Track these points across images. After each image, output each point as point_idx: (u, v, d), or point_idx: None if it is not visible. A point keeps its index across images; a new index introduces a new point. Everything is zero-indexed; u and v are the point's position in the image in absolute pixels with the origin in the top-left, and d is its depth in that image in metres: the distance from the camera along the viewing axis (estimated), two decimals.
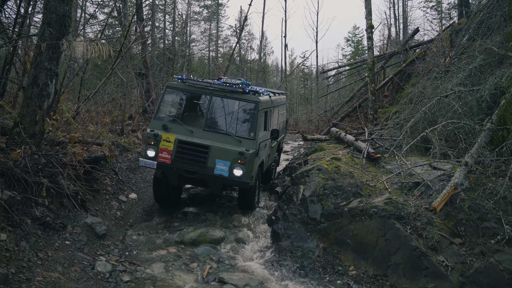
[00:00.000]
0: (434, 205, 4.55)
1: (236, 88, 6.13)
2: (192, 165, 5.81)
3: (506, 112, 4.77)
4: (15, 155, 3.77)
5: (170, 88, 6.38)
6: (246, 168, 5.74)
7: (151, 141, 5.89)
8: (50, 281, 3.24)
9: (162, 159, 5.85)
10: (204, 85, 6.21)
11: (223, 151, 5.77)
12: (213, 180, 5.87)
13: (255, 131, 6.04)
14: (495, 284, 3.72)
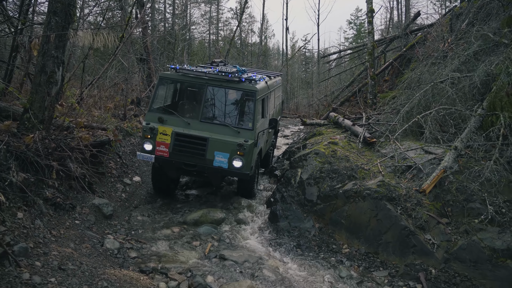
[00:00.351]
0: (424, 187, 4.81)
1: (232, 77, 5.98)
2: (191, 157, 5.76)
3: (495, 99, 4.96)
4: (29, 139, 4.02)
5: (164, 78, 6.20)
6: (245, 159, 5.71)
7: (147, 135, 5.81)
8: (64, 255, 3.54)
9: (160, 153, 5.81)
10: (199, 74, 6.05)
11: (221, 143, 5.72)
12: (213, 172, 5.86)
13: (253, 121, 5.96)
14: (476, 259, 4.01)
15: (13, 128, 4.39)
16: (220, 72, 6.04)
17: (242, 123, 6.00)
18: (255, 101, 6.00)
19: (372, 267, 4.61)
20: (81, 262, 3.57)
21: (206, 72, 6.05)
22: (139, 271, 3.95)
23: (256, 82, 6.29)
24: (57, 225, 4.33)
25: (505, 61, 4.97)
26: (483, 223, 4.23)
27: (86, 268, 3.48)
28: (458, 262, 4.11)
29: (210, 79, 6.02)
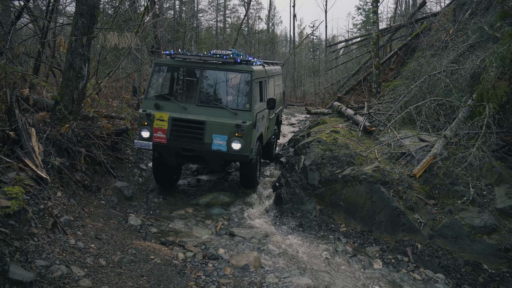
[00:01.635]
0: (414, 172, 5.34)
1: (227, 58, 5.95)
2: (189, 142, 5.75)
3: (483, 91, 5.42)
4: (65, 129, 4.63)
5: (159, 65, 6.23)
6: (244, 141, 5.70)
7: (144, 122, 5.79)
8: (98, 228, 4.18)
9: (158, 139, 5.79)
10: (193, 58, 6.04)
11: (219, 125, 5.69)
12: (212, 156, 5.83)
13: (251, 102, 5.92)
14: (457, 235, 4.55)
15: (47, 118, 5.00)
16: (215, 55, 6.09)
17: (239, 105, 5.96)
18: (251, 81, 5.98)
19: (366, 243, 5.19)
20: (112, 234, 4.21)
21: (200, 55, 6.08)
22: (160, 243, 4.59)
23: (252, 63, 6.29)
24: (86, 204, 4.98)
25: (491, 56, 5.40)
26: (465, 204, 4.76)
27: (116, 239, 4.12)
28: (441, 238, 4.66)
29: (205, 62, 6.02)
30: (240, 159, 5.91)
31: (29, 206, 3.13)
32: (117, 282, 3.21)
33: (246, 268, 4.28)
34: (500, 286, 3.99)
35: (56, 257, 3.00)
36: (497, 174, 5.04)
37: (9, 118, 3.91)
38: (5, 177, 3.20)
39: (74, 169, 5.21)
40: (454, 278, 4.24)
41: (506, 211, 4.57)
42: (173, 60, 6.12)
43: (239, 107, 5.92)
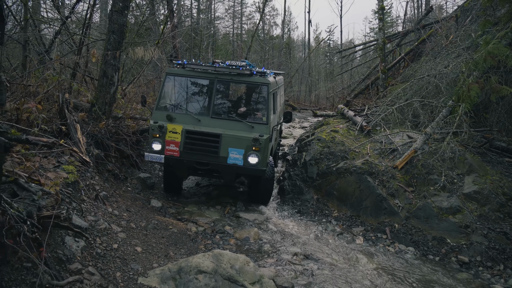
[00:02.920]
0: (397, 164, 6.23)
1: (243, 70, 5.88)
2: (203, 156, 5.64)
3: (459, 92, 6.26)
4: (102, 125, 5.81)
5: (171, 75, 6.12)
6: (261, 155, 5.60)
7: (155, 134, 5.67)
8: (127, 204, 5.29)
9: (170, 152, 5.68)
10: (207, 69, 5.94)
11: (235, 138, 5.59)
12: (227, 170, 5.74)
13: (268, 114, 5.85)
14: (428, 216, 5.42)
15: (85, 117, 6.19)
16: (230, 65, 5.99)
17: (256, 117, 5.91)
18: (268, 94, 5.95)
19: (353, 225, 6.10)
20: (138, 210, 5.32)
21: (215, 66, 5.99)
22: (177, 219, 5.66)
23: (268, 75, 6.26)
24: (117, 188, 6.11)
25: (468, 62, 6.25)
26: (437, 190, 5.62)
27: (142, 213, 5.22)
28: (415, 218, 5.53)
29: (219, 73, 5.94)
30: (257, 173, 5.78)
31: (80, 180, 4.26)
32: (144, 239, 4.28)
33: (247, 240, 5.28)
34: (458, 255, 4.83)
35: (100, 216, 4.10)
36: (468, 165, 5.88)
37: (61, 116, 5.09)
38: (62, 159, 4.35)
39: (106, 160, 6.37)
40: (421, 250, 5.11)
41: (470, 195, 5.40)
42: (185, 70, 6.06)
43: (255, 120, 5.86)
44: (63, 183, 3.85)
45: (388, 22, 38.56)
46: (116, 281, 3.23)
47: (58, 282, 2.66)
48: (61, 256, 3.04)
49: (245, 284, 3.41)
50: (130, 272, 3.44)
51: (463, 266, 4.64)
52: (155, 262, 3.77)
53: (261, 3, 31.32)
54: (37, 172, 3.68)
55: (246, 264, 3.63)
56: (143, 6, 13.96)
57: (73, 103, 6.57)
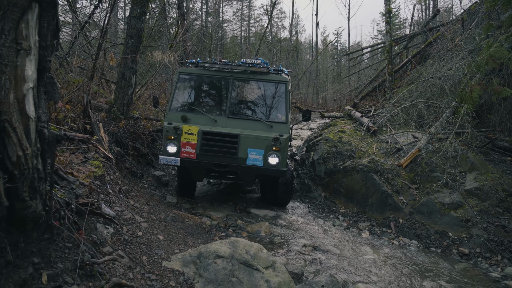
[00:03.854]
0: (401, 162, 6.54)
1: (259, 67, 5.81)
2: (221, 157, 5.53)
3: (462, 94, 6.55)
4: (122, 124, 6.21)
5: (183, 74, 5.99)
6: (281, 155, 5.50)
7: (170, 136, 5.54)
8: (146, 198, 5.68)
9: (186, 154, 5.55)
10: (222, 67, 5.84)
11: (255, 138, 5.47)
12: (246, 171, 5.62)
13: (287, 113, 5.76)
14: (431, 211, 5.71)
15: (105, 117, 6.61)
16: (246, 63, 5.93)
17: (274, 117, 5.81)
18: (286, 92, 5.85)
19: (360, 221, 6.41)
20: (156, 204, 5.70)
21: (231, 64, 5.92)
22: (192, 214, 6.02)
23: (284, 73, 6.15)
24: (135, 185, 6.51)
25: (471, 65, 6.54)
26: (440, 186, 5.92)
27: (160, 207, 5.60)
28: (419, 214, 5.83)
29: (235, 71, 5.84)
30: (278, 174, 5.66)
31: (106, 174, 4.65)
32: (164, 229, 4.66)
33: (258, 233, 5.63)
34: (459, 247, 5.12)
35: (125, 208, 4.48)
36: (470, 163, 6.16)
37: (84, 116, 5.50)
38: (88, 155, 4.75)
39: (125, 158, 6.78)
40: (424, 243, 5.41)
41: (471, 191, 5.69)
42: (198, 69, 5.96)
43: (274, 119, 5.77)
44: (93, 176, 4.24)
45: (396, 25, 38.79)
46: (143, 264, 3.60)
47: (96, 260, 3.03)
48: (95, 239, 3.42)
49: (259, 268, 3.75)
50: (154, 256, 3.81)
51: (463, 257, 4.93)
52: (176, 249, 4.14)
53: (269, 6, 31.78)
54: (69, 166, 4.08)
55: (260, 251, 3.98)
56: (155, 11, 14.45)
57: (93, 104, 6.99)
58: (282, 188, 6.36)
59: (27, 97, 2.22)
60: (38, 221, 2.63)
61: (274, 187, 6.49)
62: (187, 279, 3.55)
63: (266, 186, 6.87)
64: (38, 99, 2.34)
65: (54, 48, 2.38)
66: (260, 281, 3.62)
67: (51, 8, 2.26)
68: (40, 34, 2.28)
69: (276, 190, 6.46)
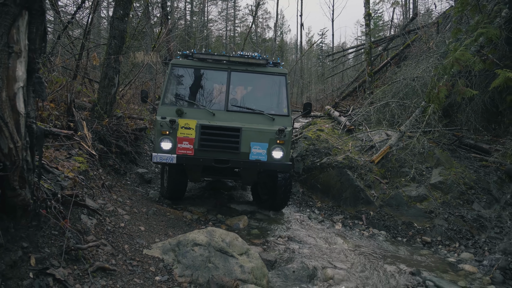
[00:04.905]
0: (373, 158, 6.96)
1: (259, 59, 5.60)
2: (222, 153, 5.23)
3: (430, 94, 7.01)
4: (105, 122, 6.44)
5: (177, 66, 5.68)
6: (286, 149, 5.31)
7: (165, 131, 5.19)
8: (129, 194, 5.93)
9: (183, 151, 5.21)
10: (219, 58, 5.60)
11: (257, 132, 5.24)
12: (249, 167, 5.37)
13: (288, 106, 5.60)
14: (398, 204, 6.14)
15: (88, 116, 6.82)
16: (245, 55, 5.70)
17: (276, 109, 5.62)
18: (286, 84, 5.70)
19: (334, 214, 6.81)
20: (139, 199, 5.96)
21: (229, 55, 5.66)
22: (173, 208, 6.30)
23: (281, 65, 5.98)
24: (118, 181, 6.75)
25: (438, 67, 7.02)
26: (407, 181, 6.35)
27: (143, 202, 5.87)
28: (388, 206, 6.26)
29: (233, 62, 5.60)
30: (283, 169, 5.43)
31: (90, 170, 4.90)
32: (146, 221, 4.93)
33: (237, 226, 5.95)
34: (422, 236, 5.56)
35: (107, 201, 4.74)
36: (436, 159, 6.63)
37: (68, 114, 5.72)
38: (71, 151, 4.98)
39: (108, 155, 7.00)
40: (392, 233, 5.83)
41: (436, 185, 6.14)
42: (193, 61, 5.66)
43: (276, 111, 5.59)
44: (77, 171, 4.49)
45: (380, 26, 39.72)
46: (125, 251, 3.88)
47: (81, 245, 3.30)
48: (80, 228, 3.69)
49: (234, 255, 4.07)
50: (136, 245, 4.09)
51: (426, 245, 5.37)
52: (157, 238, 4.43)
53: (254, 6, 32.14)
54: (54, 161, 4.32)
55: (235, 239, 4.30)
56: (139, 10, 14.62)
57: (77, 103, 7.19)
58: (280, 189, 5.97)
59: (17, 95, 2.49)
60: (26, 209, 2.89)
61: (272, 188, 6.11)
62: (166, 265, 3.85)
63: (262, 188, 6.49)
64: (27, 97, 2.61)
65: (42, 50, 2.66)
66: (235, 266, 3.95)
67: (39, 15, 2.54)
68: (30, 38, 2.55)
69: (274, 192, 6.05)
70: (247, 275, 3.91)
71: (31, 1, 2.48)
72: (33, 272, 2.76)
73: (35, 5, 2.50)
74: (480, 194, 5.92)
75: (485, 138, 7.49)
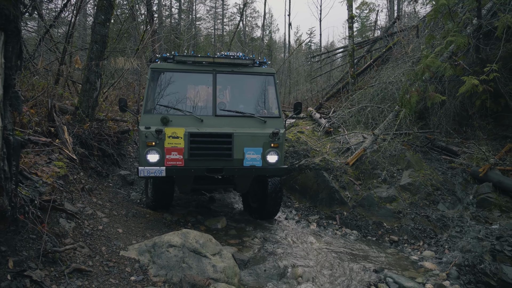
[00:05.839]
0: (348, 161, 7.26)
1: (245, 59, 5.36)
2: (215, 161, 5.00)
3: (403, 99, 7.34)
4: (86, 126, 6.60)
5: (157, 71, 5.27)
6: (280, 152, 5.19)
7: (151, 142, 4.83)
8: (110, 196, 6.12)
9: (172, 162, 4.90)
10: (203, 60, 5.28)
11: (250, 136, 5.03)
12: (244, 174, 5.17)
13: (279, 107, 5.43)
14: (370, 204, 6.45)
15: (70, 120, 6.98)
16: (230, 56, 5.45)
17: (266, 111, 5.42)
18: (275, 85, 5.50)
19: (310, 214, 7.09)
20: (119, 201, 6.16)
21: (213, 57, 5.37)
22: (153, 210, 6.51)
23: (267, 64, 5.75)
24: (100, 184, 6.92)
25: (410, 72, 7.35)
26: (379, 182, 6.67)
27: (123, 204, 6.06)
28: (360, 207, 6.57)
29: (217, 64, 5.31)
30: (278, 173, 5.28)
31: (69, 174, 5.08)
32: (125, 223, 5.14)
33: (215, 227, 6.18)
34: (390, 235, 5.88)
35: (87, 204, 4.93)
36: (407, 161, 6.96)
37: (49, 119, 5.88)
38: (52, 156, 5.16)
39: (89, 159, 7.17)
40: (363, 232, 6.14)
41: (405, 186, 6.48)
42: (175, 64, 5.33)
43: (266, 114, 5.39)
44: (56, 176, 4.67)
45: (367, 26, 40.25)
46: (102, 253, 4.09)
47: (57, 248, 3.51)
48: (58, 232, 3.88)
49: (207, 255, 4.31)
50: (113, 247, 4.30)
51: (393, 244, 5.69)
52: (134, 240, 4.64)
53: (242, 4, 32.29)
54: (34, 167, 4.50)
55: (209, 240, 4.54)
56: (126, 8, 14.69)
57: (58, 106, 7.33)
58: (271, 196, 5.81)
59: None
60: (4, 215, 3.09)
61: (262, 195, 5.94)
62: (142, 266, 4.07)
63: (252, 195, 6.33)
64: (4, 111, 2.80)
65: (18, 67, 2.86)
66: (207, 266, 4.19)
67: (15, 36, 2.74)
68: (6, 56, 2.75)
69: (264, 199, 5.88)
70: (219, 274, 4.16)
71: (7, 23, 2.67)
72: (10, 274, 2.96)
73: (11, 26, 2.70)
74: (445, 195, 6.27)
75: (455, 140, 7.86)
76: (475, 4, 7.37)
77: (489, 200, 5.83)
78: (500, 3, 7.32)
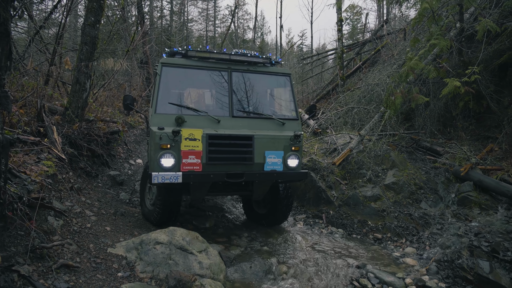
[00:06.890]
0: (335, 161, 7.43)
1: (262, 58, 5.11)
2: (234, 165, 4.66)
3: (387, 100, 7.53)
4: (75, 127, 6.67)
5: (169, 66, 4.84)
6: (300, 156, 4.97)
7: (165, 144, 4.39)
8: (99, 196, 6.20)
9: (189, 167, 4.49)
10: (219, 57, 4.95)
11: (271, 139, 4.74)
12: (264, 179, 4.84)
13: (296, 109, 5.22)
14: (355, 203, 6.62)
15: (59, 120, 7.04)
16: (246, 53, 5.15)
17: (284, 113, 5.18)
18: (291, 86, 5.30)
19: (298, 213, 7.24)
20: (108, 200, 6.23)
21: (229, 54, 5.03)
22: None
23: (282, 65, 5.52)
24: (89, 184, 6.99)
25: (395, 75, 7.55)
26: (364, 182, 6.84)
27: (112, 203, 6.14)
28: (346, 206, 6.73)
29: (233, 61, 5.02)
30: (299, 178, 5.01)
31: (58, 173, 5.15)
32: (113, 222, 5.23)
33: (204, 225, 6.30)
34: (374, 233, 6.05)
35: (75, 203, 5.01)
36: (391, 161, 7.15)
37: (38, 119, 5.94)
38: (41, 155, 5.23)
39: (79, 159, 7.23)
40: (348, 231, 6.30)
41: (389, 186, 6.66)
42: (188, 60, 4.94)
43: (284, 115, 5.16)
44: (44, 175, 4.75)
45: (358, 29, 40.70)
46: (90, 250, 4.18)
47: (45, 244, 3.59)
48: (46, 229, 3.97)
49: (194, 252, 4.43)
50: (101, 244, 4.39)
51: (376, 241, 5.85)
52: (121, 238, 4.74)
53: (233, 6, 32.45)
54: (23, 165, 4.58)
55: (195, 238, 4.65)
56: (115, 9, 14.75)
57: (47, 107, 7.39)
58: (282, 202, 5.55)
59: None
60: None
61: (273, 200, 5.67)
62: (129, 262, 4.17)
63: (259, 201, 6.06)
64: None
65: (7, 68, 2.95)
66: (194, 262, 4.30)
67: (4, 37, 2.84)
68: None
69: (275, 204, 5.63)
70: (205, 271, 4.28)
71: None
72: None
73: (1, 28, 2.80)
74: (428, 193, 6.46)
75: (440, 141, 8.08)
76: (458, 8, 7.60)
77: (469, 198, 6.03)
78: (481, 7, 7.57)
